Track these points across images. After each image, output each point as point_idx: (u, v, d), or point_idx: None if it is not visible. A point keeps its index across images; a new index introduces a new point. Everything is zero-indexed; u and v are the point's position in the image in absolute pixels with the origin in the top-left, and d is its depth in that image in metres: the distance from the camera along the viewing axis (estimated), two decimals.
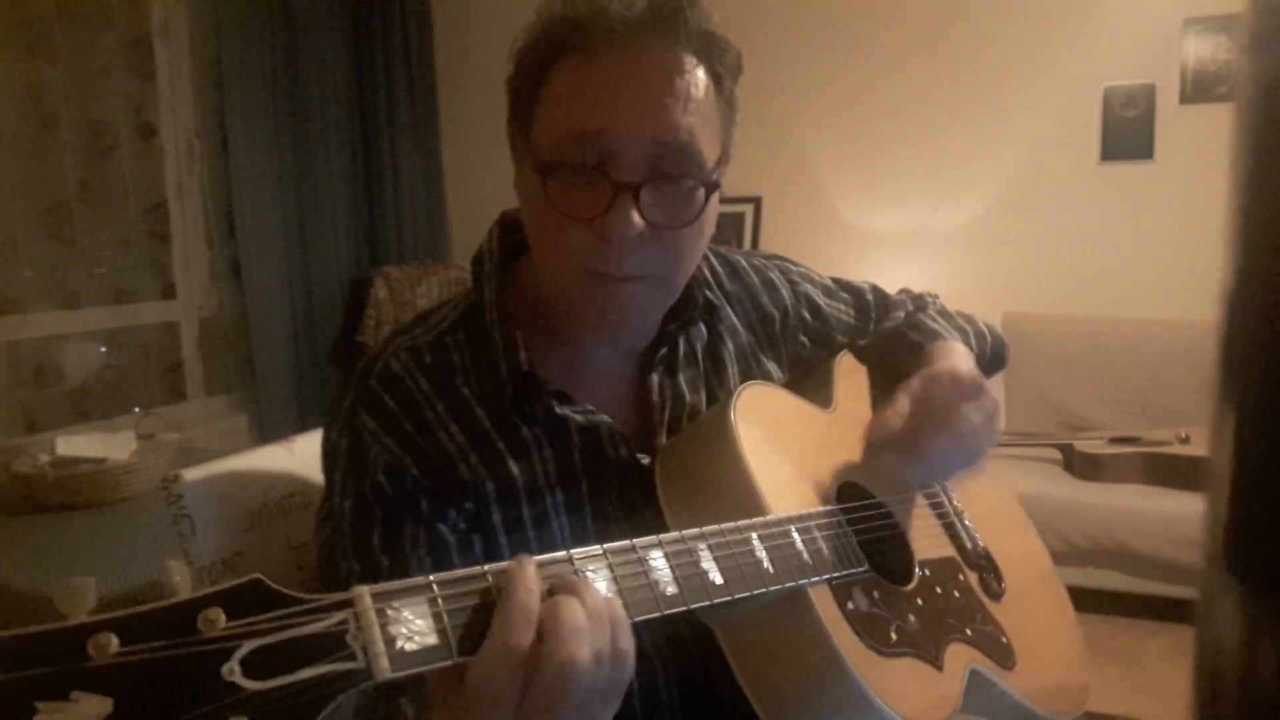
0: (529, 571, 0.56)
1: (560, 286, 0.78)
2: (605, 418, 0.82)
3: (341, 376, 0.84)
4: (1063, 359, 3.23)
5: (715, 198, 0.78)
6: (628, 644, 0.58)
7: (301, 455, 1.08)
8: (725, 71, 0.78)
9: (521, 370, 0.79)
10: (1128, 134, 3.29)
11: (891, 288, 1.15)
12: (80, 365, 3.11)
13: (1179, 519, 2.60)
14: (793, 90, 3.63)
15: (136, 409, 3.14)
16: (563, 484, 0.81)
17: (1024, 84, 3.40)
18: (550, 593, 0.57)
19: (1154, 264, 3.29)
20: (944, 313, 1.11)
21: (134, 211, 3.23)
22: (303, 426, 1.23)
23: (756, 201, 3.71)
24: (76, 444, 2.21)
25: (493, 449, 0.79)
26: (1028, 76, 3.39)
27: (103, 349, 3.20)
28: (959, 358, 0.96)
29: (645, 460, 0.83)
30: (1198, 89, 3.19)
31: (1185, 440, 2.84)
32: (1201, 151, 3.12)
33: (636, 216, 0.72)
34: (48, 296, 2.98)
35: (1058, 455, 2.99)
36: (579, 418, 0.81)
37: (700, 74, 0.75)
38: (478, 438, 0.79)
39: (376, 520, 0.75)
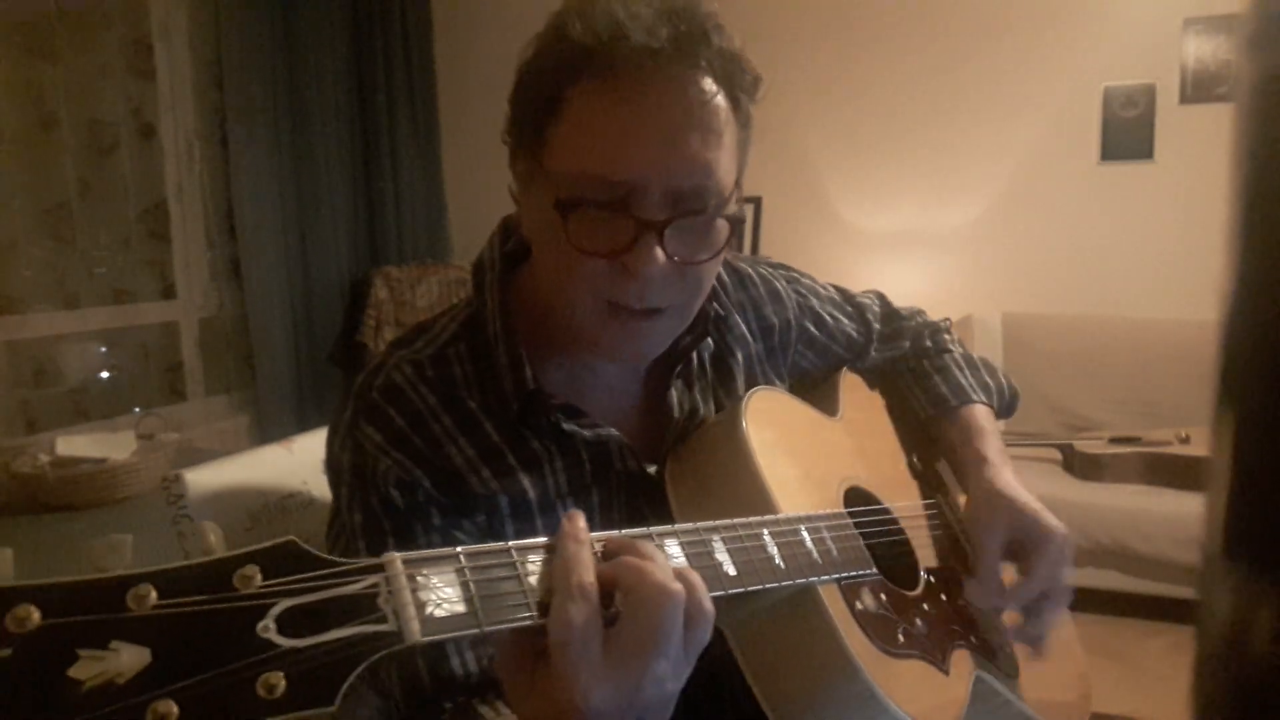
0: (579, 523, 0.58)
1: (577, 318, 0.76)
2: (613, 432, 0.81)
3: (342, 388, 0.83)
4: (1063, 359, 3.23)
5: (738, 229, 0.77)
6: (709, 604, 0.59)
7: (301, 455, 1.08)
8: (744, 93, 0.76)
9: (528, 388, 0.79)
10: (1128, 134, 3.29)
11: (891, 289, 1.14)
12: (80, 365, 3.11)
13: (1179, 519, 2.61)
14: (793, 90, 3.63)
15: (136, 409, 3.14)
16: (574, 495, 0.81)
17: (1024, 84, 3.40)
18: (611, 554, 0.59)
19: (1154, 264, 3.29)
20: (969, 360, 1.09)
21: (134, 211, 3.23)
22: (303, 426, 1.23)
23: (756, 201, 3.71)
24: (76, 444, 2.21)
25: (504, 462, 0.79)
26: (1028, 76, 3.39)
27: (103, 349, 3.19)
28: (997, 460, 0.96)
29: (652, 470, 0.84)
30: (1198, 89, 3.19)
31: (1185, 440, 2.84)
32: (1201, 151, 3.12)
33: (661, 254, 0.71)
34: (48, 296, 2.98)
35: (1058, 455, 2.99)
36: (586, 433, 0.80)
37: (720, 100, 0.73)
38: (488, 452, 0.79)
39: (388, 533, 0.75)
